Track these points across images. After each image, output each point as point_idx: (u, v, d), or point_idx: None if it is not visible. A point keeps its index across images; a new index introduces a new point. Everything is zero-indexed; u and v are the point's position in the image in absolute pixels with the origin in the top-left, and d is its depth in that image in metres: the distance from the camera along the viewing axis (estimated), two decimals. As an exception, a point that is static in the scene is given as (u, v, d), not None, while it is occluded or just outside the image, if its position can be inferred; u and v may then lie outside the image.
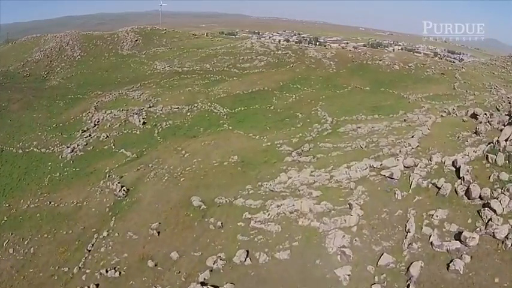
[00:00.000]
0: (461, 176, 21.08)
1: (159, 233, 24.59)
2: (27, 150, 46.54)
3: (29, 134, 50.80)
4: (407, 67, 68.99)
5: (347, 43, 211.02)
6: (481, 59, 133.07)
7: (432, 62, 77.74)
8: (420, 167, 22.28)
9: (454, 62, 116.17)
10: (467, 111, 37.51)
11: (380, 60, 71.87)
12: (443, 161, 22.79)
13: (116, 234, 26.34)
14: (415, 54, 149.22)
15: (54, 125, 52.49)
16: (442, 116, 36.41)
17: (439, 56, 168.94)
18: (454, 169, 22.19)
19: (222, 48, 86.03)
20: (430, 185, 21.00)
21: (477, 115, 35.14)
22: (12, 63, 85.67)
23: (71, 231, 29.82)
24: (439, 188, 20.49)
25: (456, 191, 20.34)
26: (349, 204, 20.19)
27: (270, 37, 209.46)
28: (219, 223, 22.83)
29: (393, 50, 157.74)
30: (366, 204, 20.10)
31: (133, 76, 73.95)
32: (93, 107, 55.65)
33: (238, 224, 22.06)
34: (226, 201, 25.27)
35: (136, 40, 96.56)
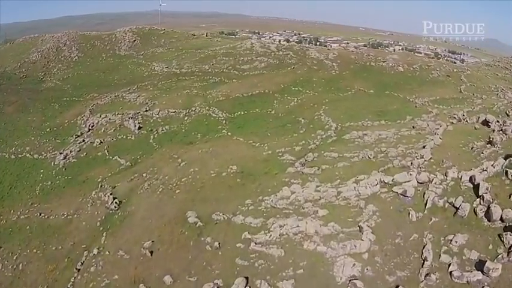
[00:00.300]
0: (480, 194, 19.45)
1: (152, 252, 22.77)
2: (20, 155, 45.03)
3: (23, 138, 49.30)
4: (411, 69, 67.18)
5: (347, 43, 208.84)
6: (481, 59, 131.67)
7: (437, 63, 75.97)
8: (435, 183, 20.55)
9: (455, 63, 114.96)
10: (478, 117, 35.90)
11: (383, 62, 70.02)
12: (459, 176, 21.08)
13: (107, 253, 24.56)
14: (416, 54, 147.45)
15: (48, 129, 50.89)
16: (452, 123, 34.71)
17: (439, 56, 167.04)
18: (472, 186, 20.53)
19: (221, 49, 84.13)
20: (447, 205, 19.31)
21: (489, 122, 33.61)
22: (9, 64, 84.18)
23: (60, 247, 28.26)
24: (457, 209, 18.81)
25: (475, 212, 18.68)
26: (359, 226, 18.41)
27: (270, 37, 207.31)
28: (216, 244, 21.03)
29: (394, 50, 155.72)
30: (377, 226, 18.33)
31: (131, 78, 72.16)
32: (88, 110, 53.92)
33: (237, 245, 20.27)
34: (224, 217, 23.44)
35: (134, 40, 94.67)
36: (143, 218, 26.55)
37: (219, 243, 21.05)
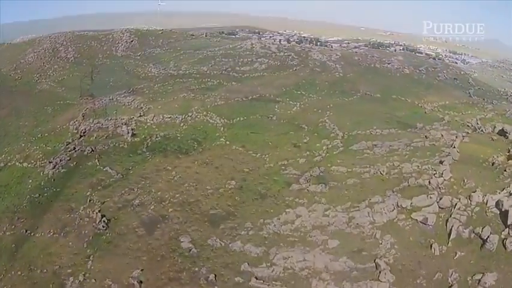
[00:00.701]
0: (508, 223, 17.20)
1: (141, 283, 20.46)
2: (10, 164, 43.09)
3: (13, 144, 47.48)
4: (417, 71, 65.09)
5: (348, 43, 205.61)
6: (482, 59, 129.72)
7: (443, 65, 73.95)
8: (459, 209, 18.26)
9: (456, 63, 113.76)
10: (494, 127, 33.84)
11: (388, 64, 67.88)
12: (485, 201, 18.81)
13: (93, 281, 22.26)
14: (417, 54, 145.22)
15: (39, 135, 48.90)
16: (467, 132, 32.44)
17: (440, 56, 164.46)
18: (499, 212, 18.27)
19: (220, 49, 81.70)
20: (473, 235, 17.04)
21: (506, 133, 31.56)
22: (5, 65, 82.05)
23: (45, 270, 25.91)
24: (484, 241, 16.54)
25: (504, 244, 16.44)
26: (375, 263, 16.09)
27: (270, 37, 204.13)
28: (212, 276, 18.70)
29: (395, 50, 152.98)
30: (396, 262, 16.04)
31: (127, 79, 69.85)
32: (81, 114, 51.76)
33: (236, 279, 17.99)
34: (220, 244, 21.10)
35: (132, 41, 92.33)
36: (132, 241, 24.15)
37: (215, 276, 18.73)
